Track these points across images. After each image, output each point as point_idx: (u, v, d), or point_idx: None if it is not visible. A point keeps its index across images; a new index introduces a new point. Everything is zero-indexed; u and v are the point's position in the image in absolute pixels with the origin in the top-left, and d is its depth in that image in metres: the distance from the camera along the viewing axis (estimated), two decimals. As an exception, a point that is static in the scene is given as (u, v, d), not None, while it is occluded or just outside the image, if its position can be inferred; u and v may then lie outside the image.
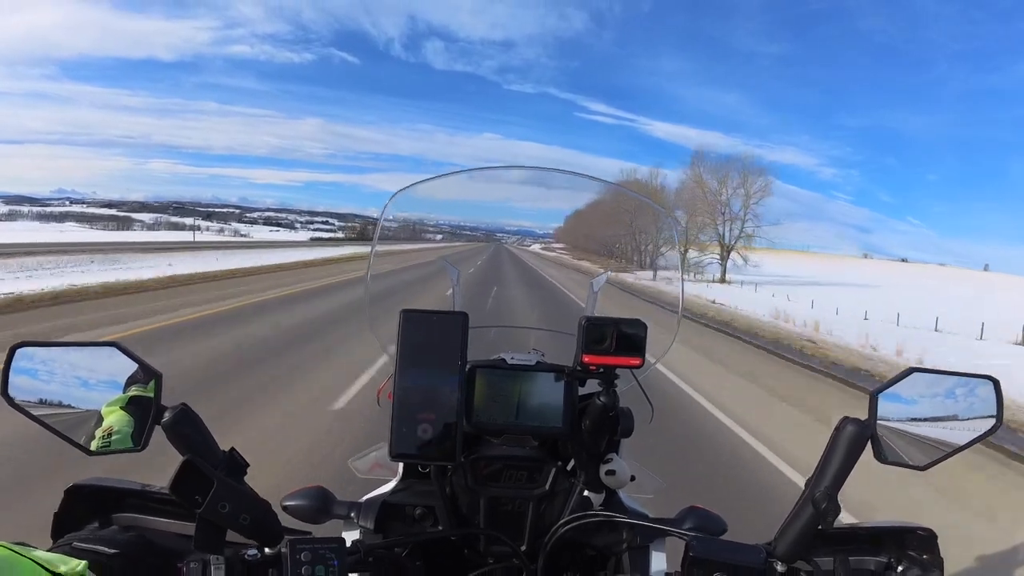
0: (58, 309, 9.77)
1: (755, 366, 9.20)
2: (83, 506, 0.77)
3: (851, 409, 0.78)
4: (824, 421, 5.64)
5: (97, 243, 32.14)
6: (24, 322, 8.36)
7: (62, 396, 0.70)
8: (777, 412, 6.29)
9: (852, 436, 0.72)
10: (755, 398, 6.87)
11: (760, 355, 10.41)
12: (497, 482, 0.88)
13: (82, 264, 18.63)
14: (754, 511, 3.15)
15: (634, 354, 0.78)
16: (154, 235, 66.81)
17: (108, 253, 24.48)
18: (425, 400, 0.72)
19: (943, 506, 3.90)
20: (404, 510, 0.88)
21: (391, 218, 1.04)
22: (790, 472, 4.21)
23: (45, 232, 62.32)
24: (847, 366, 9.50)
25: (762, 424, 5.47)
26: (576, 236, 30.96)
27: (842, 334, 13.41)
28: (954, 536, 2.42)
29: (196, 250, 28.83)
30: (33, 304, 10.00)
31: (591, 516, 0.83)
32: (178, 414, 0.69)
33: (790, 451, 4.66)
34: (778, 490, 3.84)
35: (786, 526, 0.73)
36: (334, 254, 34.35)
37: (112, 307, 10.24)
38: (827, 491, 0.70)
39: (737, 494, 3.69)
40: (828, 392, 7.59)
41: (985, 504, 4.02)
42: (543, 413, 0.86)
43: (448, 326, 0.74)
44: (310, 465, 3.52)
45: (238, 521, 0.66)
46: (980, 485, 4.37)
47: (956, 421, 0.77)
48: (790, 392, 7.35)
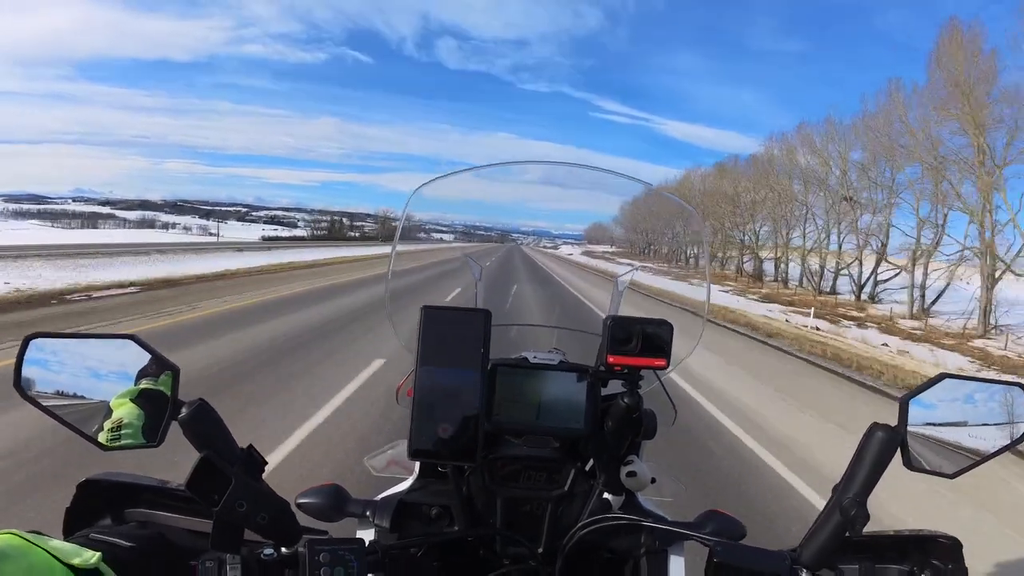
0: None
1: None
2: (96, 501, 0.76)
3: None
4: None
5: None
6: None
7: (74, 388, 0.68)
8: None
9: (882, 443, 0.70)
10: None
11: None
12: (515, 482, 0.86)
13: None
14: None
15: (659, 355, 0.77)
16: (105, 234, 57.17)
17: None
18: (446, 399, 0.71)
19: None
20: (420, 509, 0.86)
21: (407, 218, 1.02)
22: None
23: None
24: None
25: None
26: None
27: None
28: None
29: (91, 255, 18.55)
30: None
31: (611, 519, 0.82)
32: (195, 410, 0.68)
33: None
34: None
35: (813, 532, 0.72)
36: (256, 263, 20.30)
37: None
38: (856, 498, 0.69)
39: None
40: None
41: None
42: (565, 413, 0.85)
43: (470, 323, 0.72)
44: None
45: (256, 520, 0.65)
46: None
47: (986, 428, 0.75)
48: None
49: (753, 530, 0.87)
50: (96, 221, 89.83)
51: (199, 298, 10.52)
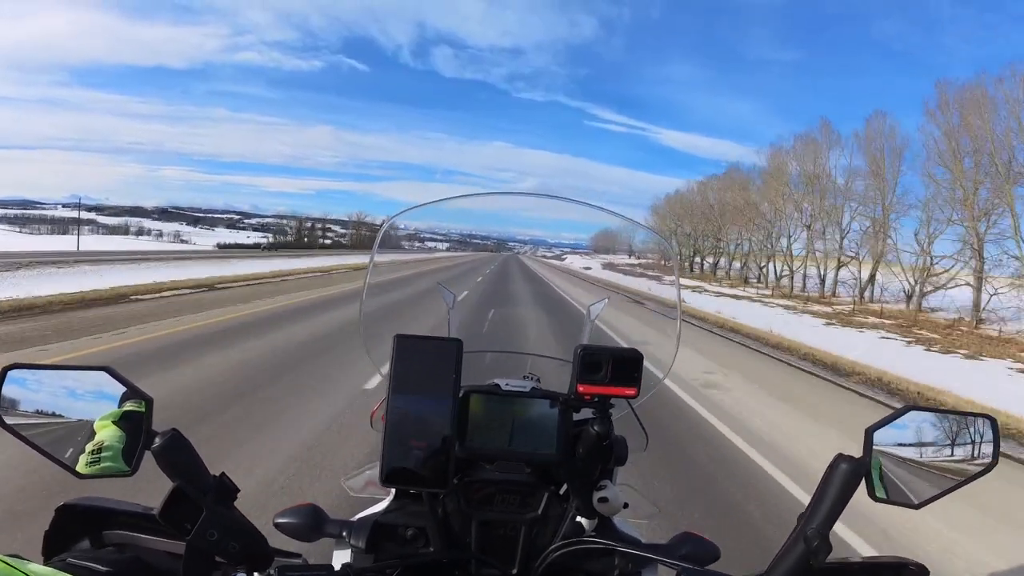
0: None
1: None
2: (74, 525, 0.77)
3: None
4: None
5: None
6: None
7: (52, 417, 0.70)
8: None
9: (845, 474, 0.71)
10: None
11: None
12: (490, 506, 0.87)
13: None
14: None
15: (629, 384, 0.78)
16: (57, 241, 50.60)
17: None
18: (417, 426, 0.72)
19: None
20: (396, 531, 0.87)
21: (391, 227, 1.02)
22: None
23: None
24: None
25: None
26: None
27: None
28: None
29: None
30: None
31: (582, 542, 0.83)
32: (168, 440, 0.69)
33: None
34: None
35: (776, 562, 0.73)
36: (186, 275, 16.74)
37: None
38: (819, 529, 0.70)
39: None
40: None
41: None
42: (537, 439, 0.86)
43: (443, 352, 0.74)
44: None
45: (227, 548, 0.66)
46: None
47: (952, 459, 0.76)
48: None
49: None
50: (67, 227, 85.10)
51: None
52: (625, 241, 66.11)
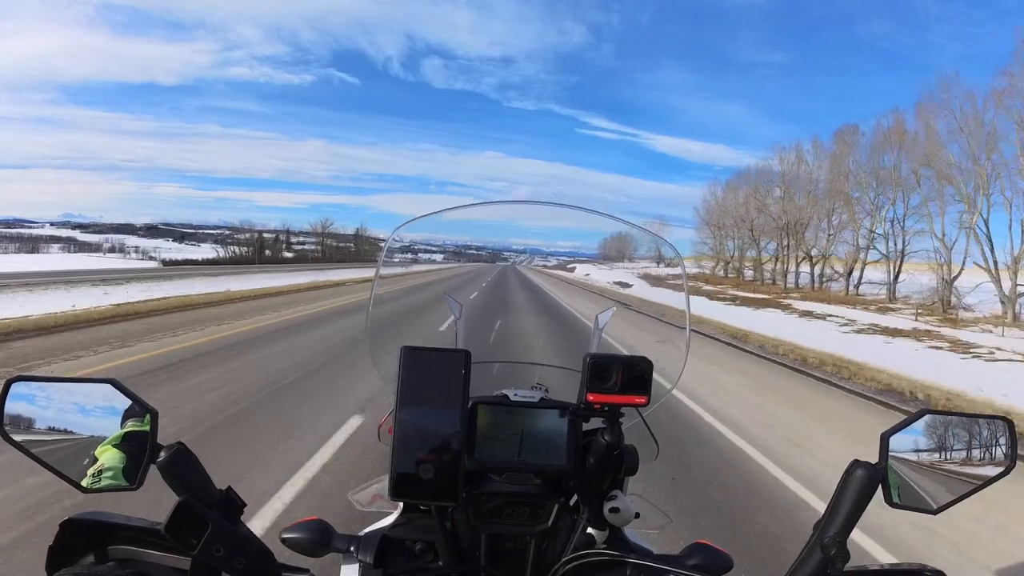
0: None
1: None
2: (78, 540, 0.76)
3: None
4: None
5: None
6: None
7: (57, 431, 0.69)
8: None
9: (862, 480, 0.70)
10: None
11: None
12: (499, 518, 0.86)
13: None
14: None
15: (639, 392, 0.77)
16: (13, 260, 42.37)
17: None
18: (426, 439, 0.71)
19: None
20: (404, 545, 0.86)
21: (392, 242, 1.02)
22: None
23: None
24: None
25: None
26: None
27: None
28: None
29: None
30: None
31: (593, 555, 0.81)
32: (173, 454, 0.68)
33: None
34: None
35: (793, 571, 0.71)
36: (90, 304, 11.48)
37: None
38: (836, 537, 0.69)
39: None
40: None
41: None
42: (546, 450, 0.85)
43: (450, 363, 0.73)
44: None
45: (232, 564, 0.65)
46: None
47: (968, 463, 0.75)
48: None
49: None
50: (38, 246, 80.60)
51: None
52: (631, 246, 62.03)
